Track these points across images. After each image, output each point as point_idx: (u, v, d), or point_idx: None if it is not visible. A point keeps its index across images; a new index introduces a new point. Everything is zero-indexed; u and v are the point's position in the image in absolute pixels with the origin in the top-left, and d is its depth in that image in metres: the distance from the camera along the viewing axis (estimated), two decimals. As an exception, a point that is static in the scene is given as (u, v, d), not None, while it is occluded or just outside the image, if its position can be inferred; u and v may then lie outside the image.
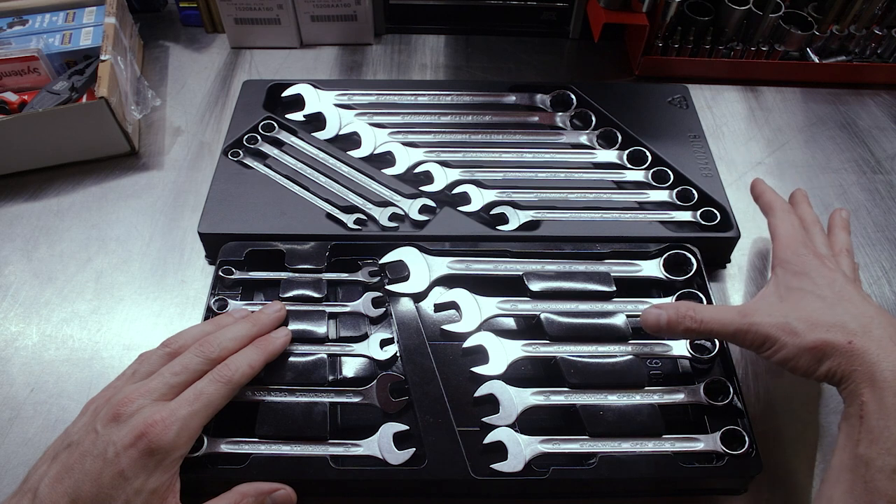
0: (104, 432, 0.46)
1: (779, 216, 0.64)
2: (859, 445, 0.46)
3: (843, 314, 0.51)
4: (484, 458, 0.55)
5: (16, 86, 0.83)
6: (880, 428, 0.45)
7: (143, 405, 0.48)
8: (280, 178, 0.75)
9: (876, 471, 0.44)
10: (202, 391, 0.50)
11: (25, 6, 0.91)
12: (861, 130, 0.91)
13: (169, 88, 0.94)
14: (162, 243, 0.75)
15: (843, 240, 0.65)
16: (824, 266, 0.57)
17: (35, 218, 0.77)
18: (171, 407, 0.48)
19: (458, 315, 0.64)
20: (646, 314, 0.59)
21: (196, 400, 0.49)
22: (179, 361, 0.52)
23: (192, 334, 0.56)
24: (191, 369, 0.51)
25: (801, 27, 0.93)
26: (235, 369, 0.53)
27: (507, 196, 0.73)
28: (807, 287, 0.55)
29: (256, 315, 0.60)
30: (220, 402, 0.51)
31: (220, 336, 0.55)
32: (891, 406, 0.46)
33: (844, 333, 0.50)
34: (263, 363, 0.56)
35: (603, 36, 0.91)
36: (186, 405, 0.49)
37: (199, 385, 0.51)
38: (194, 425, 0.49)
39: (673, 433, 0.56)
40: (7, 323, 0.68)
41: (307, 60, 0.98)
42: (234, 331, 0.56)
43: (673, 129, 0.81)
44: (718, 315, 0.56)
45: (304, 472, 0.54)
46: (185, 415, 0.48)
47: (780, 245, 0.61)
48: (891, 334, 0.49)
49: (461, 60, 1.00)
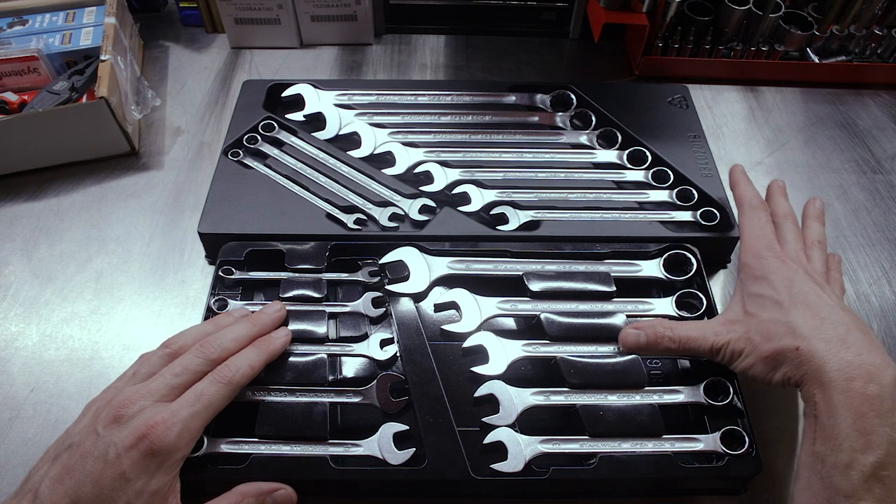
0: (105, 434, 0.46)
1: (746, 214, 0.64)
2: (815, 443, 0.48)
3: (795, 318, 0.53)
4: (484, 458, 0.55)
5: (16, 86, 0.83)
6: (830, 426, 0.47)
7: (144, 406, 0.48)
8: (280, 178, 0.75)
9: (830, 467, 0.46)
10: (203, 392, 0.50)
11: (25, 6, 0.91)
12: (861, 130, 0.91)
13: (169, 88, 0.94)
14: (162, 243, 0.75)
15: (815, 231, 0.64)
16: (785, 266, 0.58)
17: (35, 218, 0.77)
18: (173, 408, 0.48)
19: (458, 315, 0.64)
20: (624, 335, 0.60)
21: (197, 401, 0.49)
22: (180, 362, 0.52)
23: (192, 335, 0.56)
24: (191, 370, 0.52)
25: (801, 27, 0.93)
26: (236, 370, 0.53)
27: (507, 196, 0.73)
28: (765, 292, 0.56)
29: (257, 315, 0.60)
30: (220, 403, 0.51)
31: (220, 337, 0.55)
32: (838, 404, 0.47)
33: (794, 338, 0.52)
34: (264, 364, 0.56)
35: (603, 36, 0.91)
36: (188, 406, 0.49)
37: (200, 386, 0.51)
38: (195, 426, 0.49)
39: (673, 433, 0.56)
40: (7, 323, 0.68)
41: (307, 60, 0.98)
42: (234, 331, 0.56)
43: (673, 129, 0.81)
44: (694, 333, 0.57)
45: (304, 472, 0.54)
46: (187, 416, 0.48)
47: (743, 248, 0.62)
48: (841, 334, 0.51)
49: (461, 60, 1.00)
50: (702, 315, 0.64)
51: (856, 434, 0.46)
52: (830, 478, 0.46)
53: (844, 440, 0.46)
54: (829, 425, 0.47)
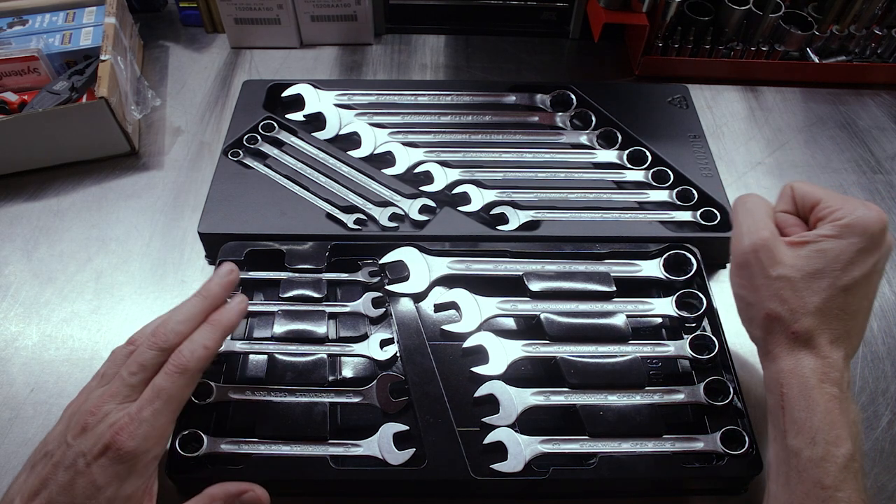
0: (74, 444, 0.46)
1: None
2: (787, 437, 0.48)
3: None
4: (484, 458, 0.55)
5: (16, 86, 0.83)
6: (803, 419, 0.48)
7: (108, 412, 0.47)
8: (280, 178, 0.75)
9: (806, 461, 0.47)
10: (161, 387, 0.48)
11: (25, 6, 0.91)
12: (861, 130, 0.91)
13: (169, 88, 0.94)
14: (162, 243, 0.75)
15: None
16: None
17: (35, 218, 0.77)
18: (134, 411, 0.47)
19: (458, 315, 0.64)
20: None
21: (156, 398, 0.47)
22: (135, 359, 0.49)
23: (152, 325, 0.53)
24: (147, 365, 0.49)
25: (801, 27, 0.93)
26: (190, 355, 0.49)
27: (507, 196, 0.73)
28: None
29: (206, 286, 0.54)
30: (182, 393, 0.49)
31: (170, 321, 0.51)
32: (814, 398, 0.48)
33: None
34: (221, 339, 0.52)
35: (603, 36, 0.91)
36: (147, 405, 0.47)
37: (157, 381, 0.48)
38: (161, 423, 0.47)
39: (673, 433, 0.56)
40: (7, 323, 0.68)
41: (307, 60, 0.98)
42: (183, 311, 0.52)
43: (673, 129, 0.81)
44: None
45: (304, 472, 0.54)
46: (149, 416, 0.46)
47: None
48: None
49: (461, 60, 1.00)
50: (702, 315, 0.64)
51: (827, 428, 0.47)
52: (807, 471, 0.46)
53: (818, 434, 0.47)
54: (802, 419, 0.48)
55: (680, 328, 0.65)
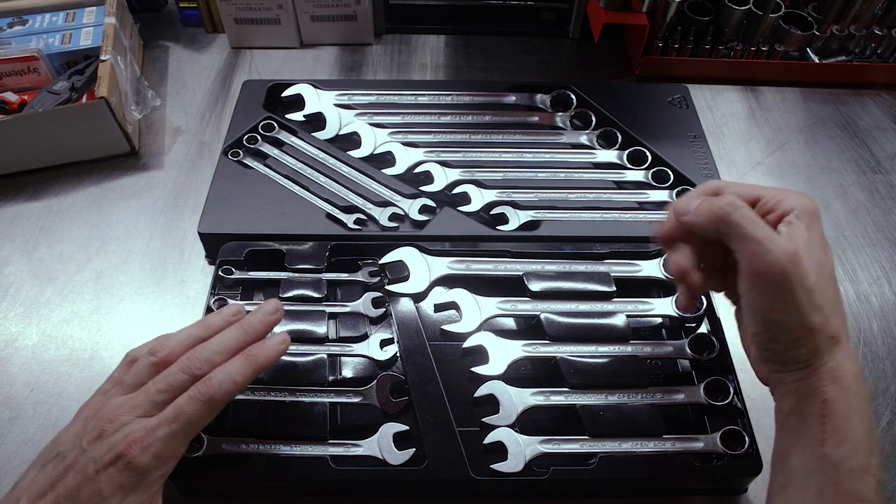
0: (88, 448, 0.46)
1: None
2: (825, 446, 0.45)
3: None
4: (484, 458, 0.55)
5: (16, 86, 0.83)
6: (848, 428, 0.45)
7: (126, 422, 0.47)
8: (280, 178, 0.75)
9: (846, 472, 0.44)
10: (182, 411, 0.48)
11: (25, 6, 0.91)
12: (861, 130, 0.91)
13: (169, 88, 0.94)
14: (162, 243, 0.75)
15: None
16: None
17: (35, 218, 0.77)
18: (151, 426, 0.47)
19: (458, 315, 0.64)
20: None
21: (175, 420, 0.47)
22: (164, 378, 0.49)
23: (179, 340, 0.52)
24: (177, 387, 0.49)
25: (801, 27, 0.93)
26: (218, 386, 0.49)
27: (507, 196, 0.73)
28: None
29: (249, 319, 0.54)
30: (201, 421, 0.49)
31: (207, 350, 0.51)
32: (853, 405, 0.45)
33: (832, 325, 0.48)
34: (252, 376, 0.51)
35: (603, 36, 0.91)
36: (166, 425, 0.47)
37: (180, 402, 0.48)
38: (174, 445, 0.47)
39: (673, 433, 0.56)
40: (7, 323, 0.68)
41: (307, 60, 0.98)
42: (222, 342, 0.52)
43: (673, 129, 0.81)
44: None
45: (304, 472, 0.54)
46: (164, 435, 0.46)
47: None
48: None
49: (461, 60, 1.00)
50: (702, 315, 0.64)
51: (867, 437, 0.44)
52: (846, 483, 0.44)
53: (860, 444, 0.44)
54: (846, 428, 0.44)
55: (680, 328, 0.65)
